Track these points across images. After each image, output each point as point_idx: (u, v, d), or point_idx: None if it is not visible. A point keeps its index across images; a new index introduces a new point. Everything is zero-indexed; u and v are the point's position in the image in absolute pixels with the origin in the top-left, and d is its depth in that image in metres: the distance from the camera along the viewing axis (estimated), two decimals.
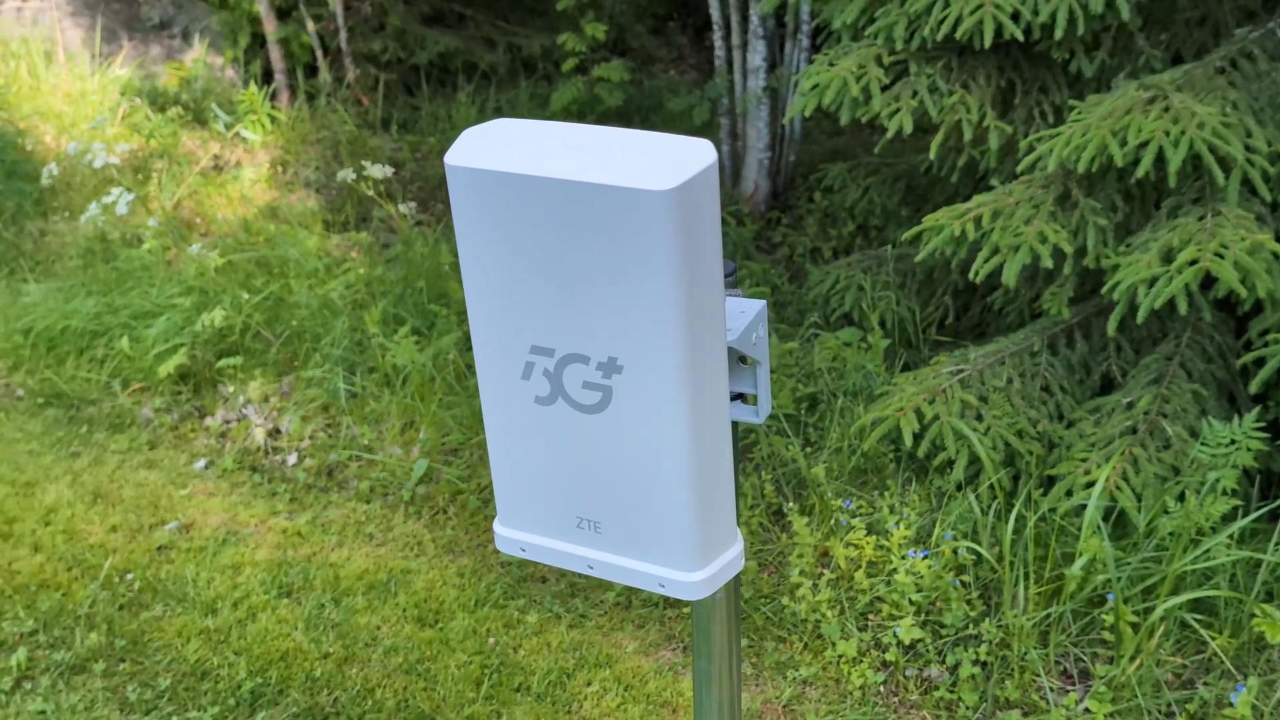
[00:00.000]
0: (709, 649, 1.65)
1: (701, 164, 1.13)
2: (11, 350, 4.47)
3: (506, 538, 1.41)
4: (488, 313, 1.27)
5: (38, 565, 3.38)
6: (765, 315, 1.41)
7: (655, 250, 1.14)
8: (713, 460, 1.28)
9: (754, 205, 5.53)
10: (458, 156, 1.20)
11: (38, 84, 6.63)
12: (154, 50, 7.78)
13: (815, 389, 3.74)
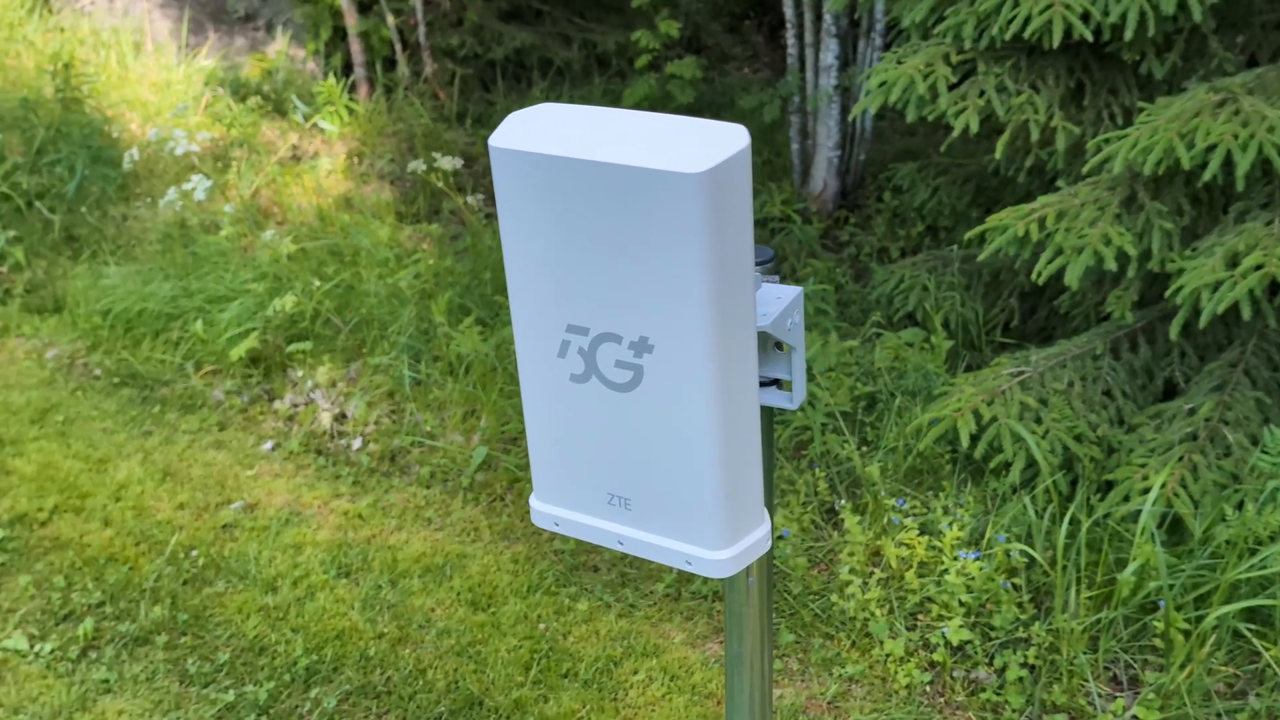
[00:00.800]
0: (740, 632, 1.67)
1: (734, 149, 1.15)
2: (91, 331, 4.60)
3: (542, 512, 1.45)
4: (526, 292, 1.30)
5: (107, 539, 3.48)
6: (801, 302, 1.43)
7: (686, 232, 1.16)
8: (740, 441, 1.29)
9: (822, 204, 5.52)
10: (501, 139, 1.24)
11: (125, 73, 6.80)
12: (238, 42, 7.95)
13: (874, 388, 3.73)
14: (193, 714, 2.87)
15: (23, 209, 5.29)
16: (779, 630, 3.06)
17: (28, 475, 3.76)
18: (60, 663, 3.02)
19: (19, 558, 3.40)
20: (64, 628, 3.14)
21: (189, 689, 2.95)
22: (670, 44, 6.43)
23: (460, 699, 2.89)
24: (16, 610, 3.20)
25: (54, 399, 4.24)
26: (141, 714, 2.87)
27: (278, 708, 2.89)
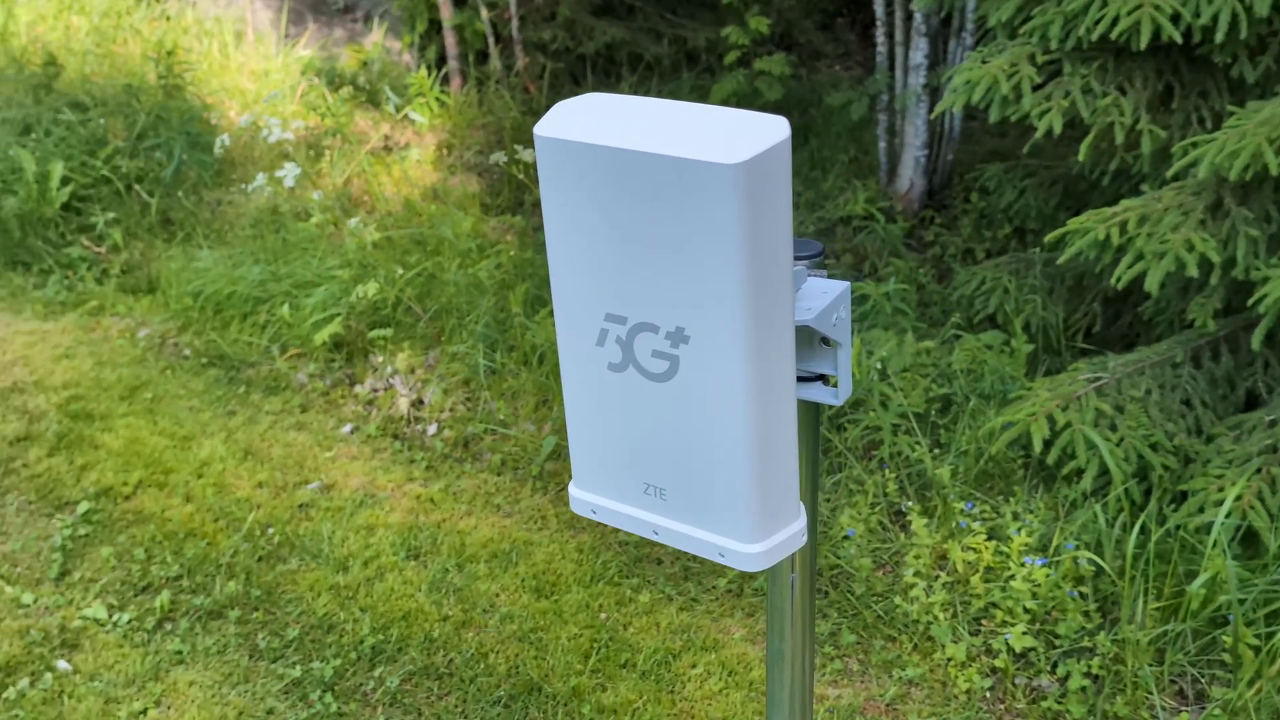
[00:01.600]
0: (781, 628, 1.67)
1: (773, 140, 1.15)
2: (182, 311, 4.73)
3: (580, 499, 1.46)
4: (567, 279, 1.31)
5: (188, 515, 3.58)
6: (848, 298, 1.42)
7: (722, 223, 1.16)
8: (775, 435, 1.29)
9: (908, 203, 5.47)
10: (546, 127, 1.24)
11: (226, 61, 6.97)
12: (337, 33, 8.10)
13: (949, 390, 3.70)
14: (260, 688, 2.94)
15: (122, 192, 5.45)
16: (840, 630, 3.05)
17: (115, 450, 3.88)
18: (137, 633, 3.12)
19: (103, 530, 3.51)
20: (142, 599, 3.24)
21: (258, 663, 3.03)
22: (761, 40, 6.41)
23: (519, 684, 2.93)
24: (98, 580, 3.30)
25: (144, 377, 4.36)
26: (211, 685, 2.95)
27: (342, 685, 2.95)
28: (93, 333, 4.72)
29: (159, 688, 2.94)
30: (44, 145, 5.53)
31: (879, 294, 4.07)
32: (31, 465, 3.82)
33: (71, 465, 3.81)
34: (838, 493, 3.45)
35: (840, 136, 5.94)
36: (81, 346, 4.59)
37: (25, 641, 3.08)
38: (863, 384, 3.52)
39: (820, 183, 5.62)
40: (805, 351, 1.46)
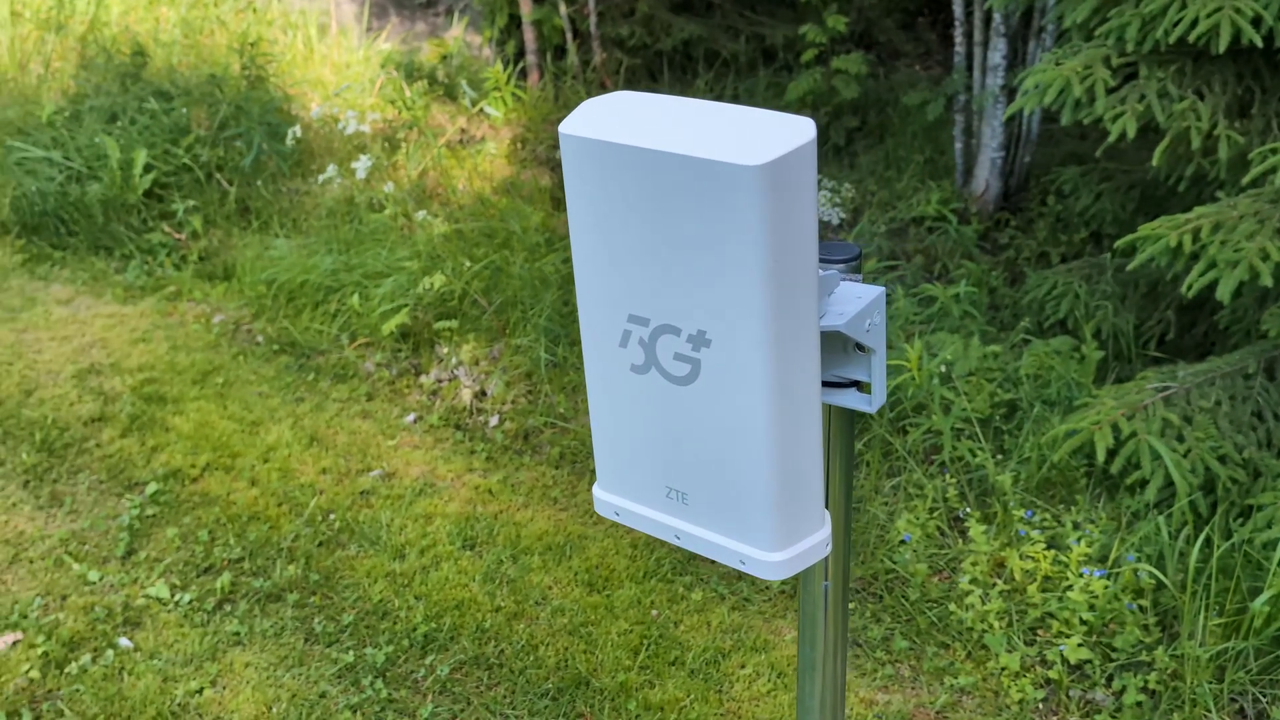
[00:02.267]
0: (813, 637, 1.64)
1: (797, 142, 1.13)
2: (256, 299, 4.81)
3: (604, 501, 1.44)
4: (591, 279, 1.30)
5: (252, 498, 3.64)
6: (883, 303, 1.39)
7: (743, 226, 1.14)
8: (798, 442, 1.27)
9: (983, 205, 5.40)
10: (571, 125, 1.23)
11: (309, 54, 7.07)
12: (419, 27, 8.19)
13: (1015, 395, 3.64)
14: (314, 671, 2.98)
15: (202, 180, 5.55)
16: (892, 636, 3.02)
17: (185, 433, 3.96)
18: (197, 613, 3.18)
19: (169, 510, 3.59)
20: (204, 580, 3.30)
21: (313, 647, 3.07)
22: (840, 39, 6.37)
23: (568, 677, 2.94)
24: (162, 560, 3.37)
25: (216, 362, 4.44)
26: (267, 667, 3.00)
27: (394, 671, 2.98)
28: (169, 317, 4.82)
29: (215, 668, 2.99)
30: (129, 133, 5.65)
31: (947, 296, 4.02)
32: (104, 445, 3.92)
33: (142, 446, 3.90)
34: (896, 497, 3.42)
35: (916, 136, 5.88)
36: (158, 330, 4.69)
37: (90, 618, 3.15)
38: (924, 387, 3.48)
39: (895, 182, 5.57)
40: (838, 357, 1.44)
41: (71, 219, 5.38)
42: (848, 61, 5.94)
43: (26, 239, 5.41)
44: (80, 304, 4.94)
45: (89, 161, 5.55)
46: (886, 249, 4.97)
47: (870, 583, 3.20)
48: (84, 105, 5.99)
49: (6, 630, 3.12)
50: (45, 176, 5.49)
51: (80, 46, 6.90)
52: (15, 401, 4.17)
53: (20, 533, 3.50)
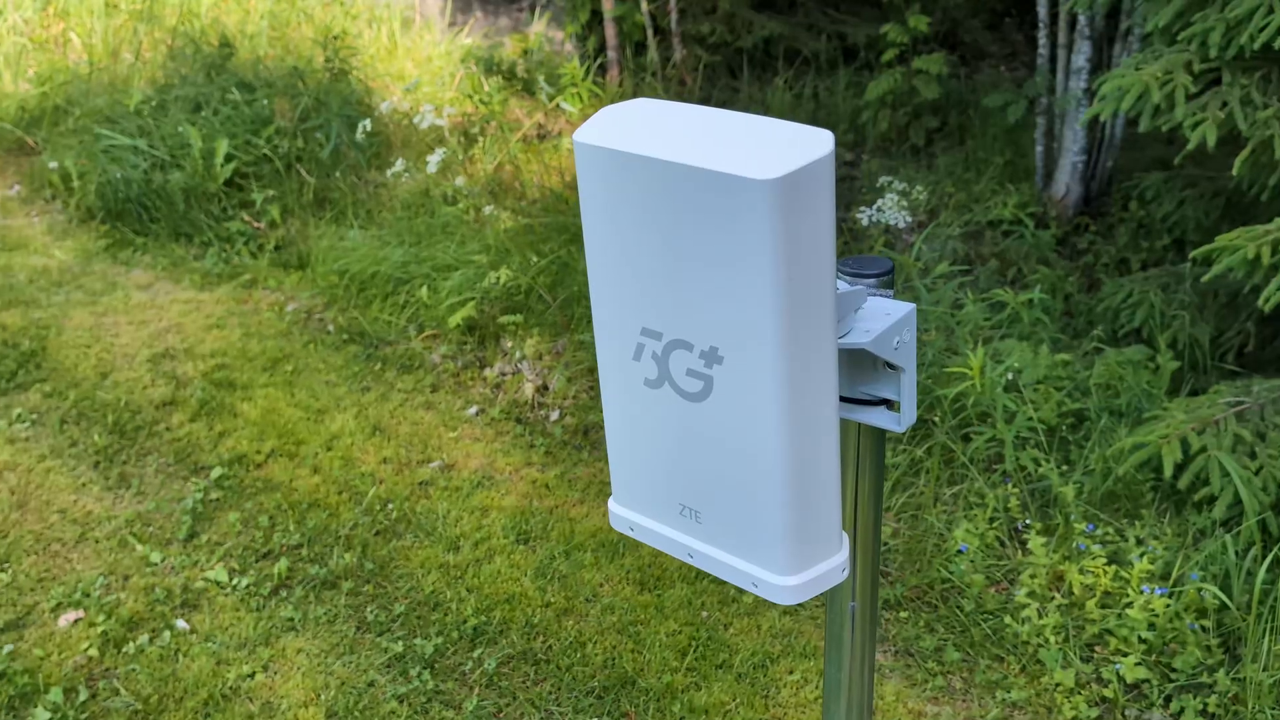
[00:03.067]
0: (839, 658, 1.59)
1: (812, 156, 1.09)
2: (328, 288, 4.87)
3: (619, 515, 1.41)
4: (605, 290, 1.27)
5: (314, 485, 3.68)
6: (913, 320, 1.33)
7: (755, 241, 1.10)
8: (812, 464, 1.22)
9: (1062, 209, 5.28)
10: (586, 133, 1.20)
11: (393, 47, 7.15)
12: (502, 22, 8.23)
13: (1083, 405, 3.56)
14: (364, 660, 3.01)
15: (281, 170, 5.63)
16: (945, 647, 2.97)
17: (252, 419, 4.02)
18: (253, 597, 3.22)
19: (233, 495, 3.64)
20: (262, 565, 3.35)
21: (364, 635, 3.10)
22: (924, 39, 6.28)
23: (614, 676, 2.93)
24: (223, 544, 3.42)
25: (287, 349, 4.50)
26: (318, 654, 3.03)
27: (442, 663, 3.00)
28: (244, 304, 4.89)
29: (268, 653, 3.03)
30: (211, 123, 5.75)
31: (1018, 302, 3.94)
32: (174, 429, 3.99)
33: (210, 431, 3.96)
34: (956, 505, 3.36)
35: (996, 139, 5.77)
36: (232, 317, 4.77)
37: (149, 599, 3.21)
38: (987, 395, 3.41)
39: (972, 185, 5.48)
40: (867, 374, 1.40)
41: (154, 206, 5.49)
42: (928, 61, 5.85)
43: (111, 224, 5.54)
44: (159, 289, 5.03)
45: (173, 150, 5.66)
46: (961, 252, 4.89)
47: (925, 592, 3.15)
48: (170, 95, 6.11)
49: (69, 608, 3.19)
50: (130, 164, 5.60)
51: (170, 37, 7.04)
52: (91, 384, 4.26)
53: (88, 512, 3.57)
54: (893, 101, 6.07)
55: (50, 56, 7.11)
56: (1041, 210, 5.24)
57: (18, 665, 2.98)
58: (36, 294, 4.97)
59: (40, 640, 3.07)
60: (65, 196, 5.82)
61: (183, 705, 2.87)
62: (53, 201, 5.88)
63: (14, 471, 3.76)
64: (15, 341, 4.55)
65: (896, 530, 3.32)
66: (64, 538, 3.46)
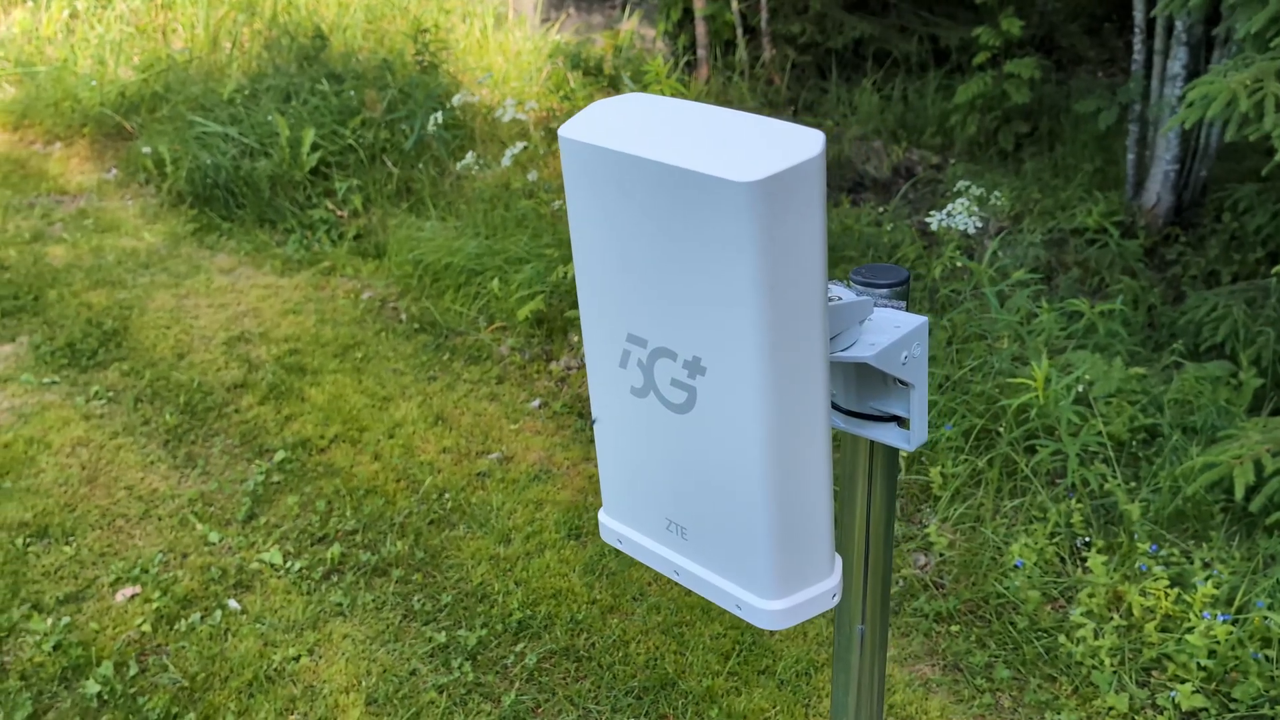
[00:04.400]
0: (847, 682, 1.53)
1: (799, 158, 1.02)
2: (402, 278, 4.91)
3: (608, 527, 1.36)
4: (591, 293, 1.22)
5: (373, 472, 3.71)
6: (924, 334, 1.25)
7: (736, 246, 1.04)
8: (799, 483, 1.16)
9: (1152, 219, 5.13)
10: (571, 128, 1.15)
11: (485, 42, 7.19)
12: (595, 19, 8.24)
13: (1157, 420, 3.44)
14: (407, 649, 3.02)
15: (365, 160, 5.70)
16: (995, 664, 2.89)
17: (319, 404, 4.07)
18: (305, 581, 3.25)
19: (293, 478, 3.68)
20: (316, 549, 3.38)
21: (410, 623, 3.11)
22: (1020, 43, 6.14)
23: (655, 677, 2.90)
24: (280, 527, 3.46)
25: (359, 337, 4.55)
26: (363, 640, 3.04)
27: (484, 655, 2.99)
28: (321, 291, 4.95)
29: (314, 636, 3.05)
30: (300, 113, 5.84)
31: (1094, 313, 3.83)
32: (242, 411, 4.05)
33: (277, 414, 4.02)
34: (1017, 519, 3.27)
35: (1087, 145, 5.63)
36: (309, 303, 4.83)
37: (205, 578, 3.26)
38: (1049, 407, 3.31)
39: (1060, 191, 5.34)
40: (877, 389, 1.32)
41: (241, 192, 5.59)
42: (1020, 65, 5.73)
43: (199, 209, 5.65)
44: (240, 273, 5.12)
45: (262, 138, 5.75)
46: (1043, 259, 4.77)
47: (979, 606, 3.07)
48: (262, 85, 6.21)
49: (127, 584, 3.25)
50: (220, 151, 5.71)
51: (268, 29, 7.16)
52: (168, 364, 4.35)
53: (154, 490, 3.64)
54: (982, 105, 5.95)
55: (153, 45, 7.28)
56: (1130, 219, 5.09)
57: (73, 637, 3.05)
58: (124, 275, 5.09)
59: (97, 614, 3.14)
60: (158, 181, 5.95)
61: (227, 685, 2.91)
62: (146, 186, 6.02)
63: (86, 447, 3.84)
64: (99, 321, 4.66)
65: (953, 542, 3.24)
66: (129, 514, 3.53)
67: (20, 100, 6.92)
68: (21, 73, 7.16)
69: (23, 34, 7.71)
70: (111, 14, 7.59)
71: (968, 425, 3.46)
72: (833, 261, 4.39)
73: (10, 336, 4.56)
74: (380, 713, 2.83)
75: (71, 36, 7.52)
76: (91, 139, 6.49)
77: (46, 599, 3.19)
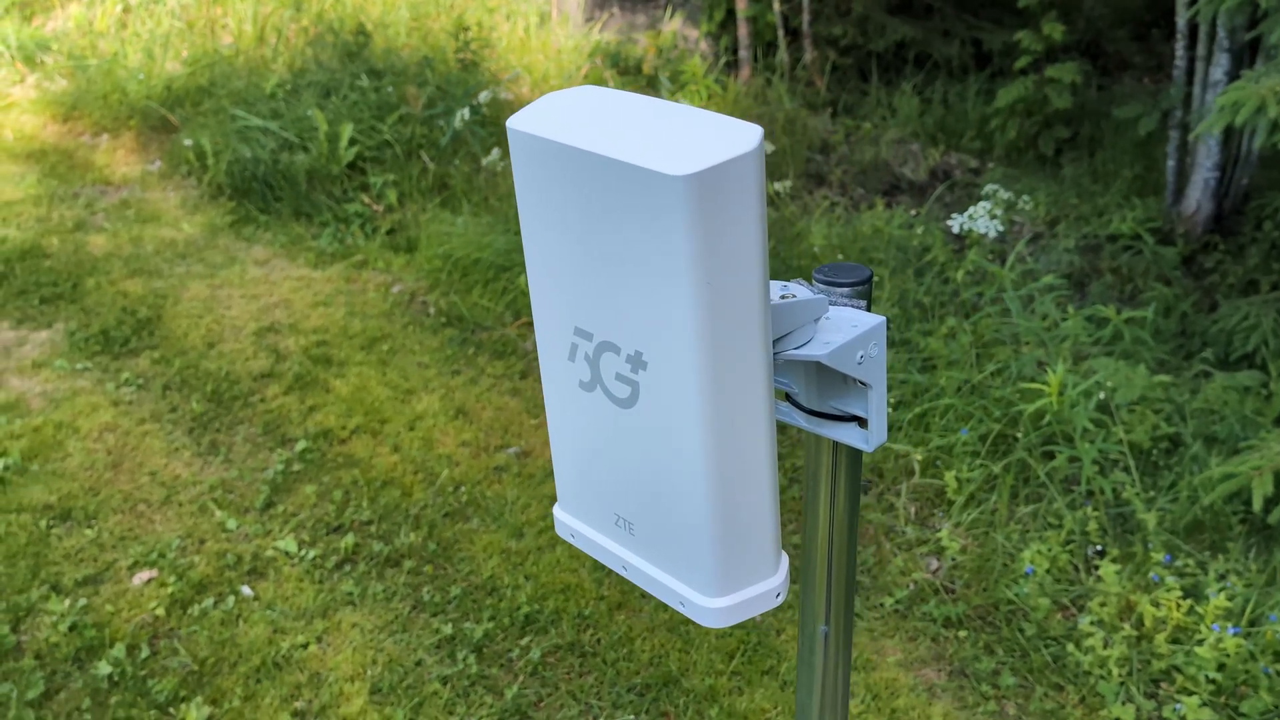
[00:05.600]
0: (810, 684, 1.52)
1: (733, 152, 1.01)
2: (432, 272, 4.94)
3: (561, 521, 1.36)
4: (540, 285, 1.23)
5: (391, 464, 3.73)
6: (882, 334, 1.24)
7: (671, 240, 1.04)
8: (740, 481, 1.16)
9: (1191, 226, 5.05)
10: (519, 120, 1.14)
11: (528, 40, 7.22)
12: (639, 18, 8.25)
13: (1180, 429, 3.39)
14: (414, 639, 3.03)
15: (401, 156, 5.74)
16: (1001, 671, 2.86)
17: (343, 396, 4.10)
18: (318, 570, 3.28)
19: (313, 468, 3.72)
20: (331, 538, 3.41)
21: (418, 615, 3.13)
22: (1065, 47, 6.07)
23: (658, 674, 2.90)
24: (297, 515, 3.50)
25: (386, 330, 4.58)
26: (371, 630, 3.06)
27: (490, 648, 3.01)
28: (352, 284, 5.00)
29: (323, 625, 3.08)
30: (339, 108, 5.89)
31: (1120, 319, 3.78)
32: (268, 401, 4.09)
33: (301, 405, 4.06)
34: (1032, 525, 3.23)
35: (1127, 152, 5.55)
36: (340, 296, 4.87)
37: (220, 564, 3.30)
38: (1064, 414, 3.27)
39: (1098, 197, 5.28)
40: (838, 389, 1.32)
41: (278, 185, 5.65)
42: (1061, 70, 5.66)
43: (237, 201, 5.71)
44: (275, 265, 5.18)
45: (301, 132, 5.81)
46: (1078, 265, 4.72)
47: (989, 612, 3.04)
48: (304, 80, 6.28)
49: (144, 567, 3.30)
50: (259, 144, 5.77)
51: (313, 25, 7.24)
52: (198, 353, 4.40)
53: (176, 476, 3.69)
54: (1023, 110, 5.89)
55: (202, 40, 7.38)
56: (1169, 226, 5.02)
57: (89, 619, 3.09)
58: (161, 265, 5.16)
59: (113, 596, 3.18)
60: (199, 173, 6.02)
61: (235, 670, 2.94)
62: (188, 178, 6.10)
63: (113, 433, 3.90)
64: (134, 309, 4.72)
65: (965, 547, 3.21)
66: (150, 499, 3.58)
67: (71, 93, 7.04)
68: (73, 66, 7.28)
69: (77, 28, 7.85)
70: (163, 9, 7.70)
71: (985, 430, 3.42)
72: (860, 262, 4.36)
73: (47, 323, 4.64)
74: (384, 702, 2.85)
75: (123, 31, 7.64)
76: (137, 131, 6.59)
77: (65, 580, 3.24)
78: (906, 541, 3.30)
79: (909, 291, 4.21)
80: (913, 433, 3.55)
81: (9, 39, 7.62)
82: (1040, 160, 5.86)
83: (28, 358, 4.38)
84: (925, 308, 4.16)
